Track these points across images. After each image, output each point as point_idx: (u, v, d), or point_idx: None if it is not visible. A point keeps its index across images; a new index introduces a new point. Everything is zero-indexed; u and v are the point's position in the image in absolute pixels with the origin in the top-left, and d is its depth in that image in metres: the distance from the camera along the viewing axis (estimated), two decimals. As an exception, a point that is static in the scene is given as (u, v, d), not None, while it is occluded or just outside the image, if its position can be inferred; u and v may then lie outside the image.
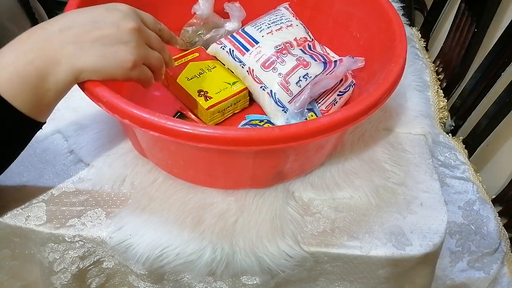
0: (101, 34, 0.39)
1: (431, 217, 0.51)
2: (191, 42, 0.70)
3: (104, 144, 0.56)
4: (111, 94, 0.41)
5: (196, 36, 0.69)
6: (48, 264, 0.50)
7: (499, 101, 0.79)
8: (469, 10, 0.89)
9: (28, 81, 0.37)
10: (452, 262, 0.70)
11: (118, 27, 0.40)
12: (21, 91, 0.37)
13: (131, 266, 0.50)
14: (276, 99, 0.57)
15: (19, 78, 0.37)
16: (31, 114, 0.39)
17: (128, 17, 0.41)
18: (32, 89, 0.38)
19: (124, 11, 0.42)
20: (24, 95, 0.37)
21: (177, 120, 0.39)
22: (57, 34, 0.38)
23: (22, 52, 0.37)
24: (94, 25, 0.39)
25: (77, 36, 0.39)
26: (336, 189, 0.54)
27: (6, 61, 0.37)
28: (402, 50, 0.50)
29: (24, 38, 0.38)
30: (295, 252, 0.47)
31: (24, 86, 0.37)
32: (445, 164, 0.79)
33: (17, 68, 0.37)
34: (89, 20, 0.40)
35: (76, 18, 0.40)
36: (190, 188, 0.52)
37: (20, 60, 0.37)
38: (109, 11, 0.41)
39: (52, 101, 0.40)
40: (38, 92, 0.38)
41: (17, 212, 0.48)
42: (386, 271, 0.50)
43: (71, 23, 0.39)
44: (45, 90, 0.39)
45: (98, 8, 0.41)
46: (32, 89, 0.38)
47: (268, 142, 0.40)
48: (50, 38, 0.38)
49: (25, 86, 0.37)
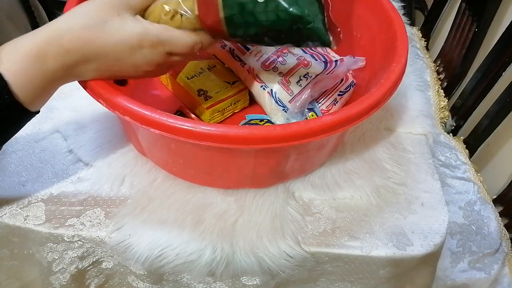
0: (120, 70, 0.41)
1: (432, 217, 0.51)
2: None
3: (103, 143, 0.56)
4: (112, 91, 0.41)
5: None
6: (47, 264, 0.50)
7: (500, 101, 0.79)
8: (470, 10, 0.89)
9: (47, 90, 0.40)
10: (453, 263, 0.70)
11: (136, 70, 0.42)
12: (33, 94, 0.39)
13: (130, 266, 0.49)
14: (276, 98, 0.57)
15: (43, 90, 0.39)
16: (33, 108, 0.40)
17: (149, 63, 0.41)
18: (45, 94, 0.40)
19: (148, 56, 0.40)
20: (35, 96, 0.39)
21: (178, 118, 0.39)
22: (81, 63, 0.39)
23: (49, 72, 0.38)
24: (115, 62, 0.40)
25: (99, 68, 0.41)
26: (337, 189, 0.53)
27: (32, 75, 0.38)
28: (403, 50, 0.50)
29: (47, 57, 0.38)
30: (296, 252, 0.47)
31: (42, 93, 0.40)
32: (446, 164, 0.79)
33: (43, 84, 0.39)
34: (112, 57, 0.40)
35: (100, 51, 0.39)
36: (190, 188, 0.52)
37: (47, 77, 0.38)
38: (133, 53, 0.40)
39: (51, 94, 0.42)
40: (48, 94, 0.41)
41: (16, 212, 0.48)
42: (387, 271, 0.50)
43: (95, 57, 0.39)
44: (51, 88, 0.41)
45: (124, 41, 0.39)
46: (46, 93, 0.40)
47: (270, 140, 0.39)
48: (76, 64, 0.39)
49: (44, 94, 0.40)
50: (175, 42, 0.41)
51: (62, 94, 0.61)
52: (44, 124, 0.58)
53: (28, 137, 0.56)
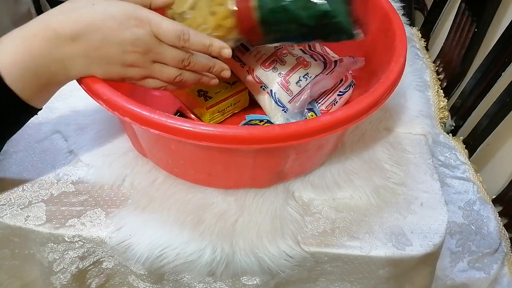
0: (107, 53, 0.41)
1: (431, 217, 0.51)
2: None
3: (103, 144, 0.56)
4: (111, 91, 0.41)
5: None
6: (48, 264, 0.50)
7: (500, 101, 0.79)
8: (469, 10, 0.89)
9: (40, 79, 0.41)
10: (452, 262, 0.70)
11: (123, 51, 0.41)
12: (30, 86, 0.40)
13: (131, 266, 0.50)
14: (276, 99, 0.57)
15: (31, 76, 0.40)
16: (33, 103, 0.42)
17: (137, 41, 0.41)
18: (40, 85, 0.41)
19: (135, 33, 0.40)
20: (31, 89, 0.41)
21: (178, 118, 0.39)
22: (69, 43, 0.40)
23: (36, 54, 0.39)
24: (102, 42, 0.40)
25: (86, 51, 0.41)
26: (336, 189, 0.53)
27: (20, 59, 0.39)
28: (402, 49, 0.50)
29: (35, 38, 0.39)
30: (295, 252, 0.47)
31: (33, 83, 0.40)
32: (446, 164, 0.79)
33: (31, 68, 0.39)
34: (99, 36, 0.40)
35: (87, 27, 0.39)
36: (190, 188, 0.52)
37: (34, 61, 0.39)
38: (120, 28, 0.40)
39: (53, 93, 0.44)
40: (44, 87, 0.42)
41: (17, 212, 0.48)
42: (386, 271, 0.50)
43: (81, 32, 0.40)
44: (50, 86, 0.43)
45: (111, 18, 0.40)
46: (40, 85, 0.41)
47: (269, 140, 0.40)
48: (63, 45, 0.40)
49: (35, 83, 0.41)
50: (162, 24, 0.41)
51: (63, 95, 0.61)
52: (44, 124, 0.58)
53: (28, 137, 0.56)
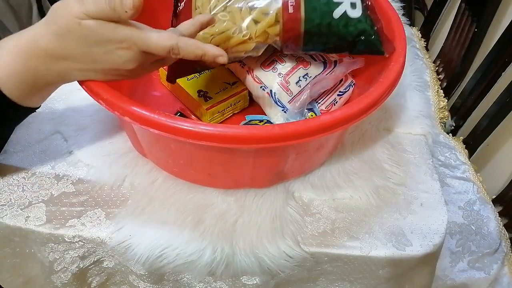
0: (102, 68, 0.42)
1: (431, 217, 0.51)
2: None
3: (103, 144, 0.56)
4: (111, 91, 0.42)
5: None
6: (49, 263, 0.50)
7: (500, 101, 0.79)
8: (469, 10, 0.89)
9: (36, 88, 0.42)
10: (452, 262, 0.70)
11: (117, 69, 0.42)
12: (27, 92, 0.41)
13: (131, 266, 0.50)
14: (276, 99, 0.57)
15: (28, 86, 0.41)
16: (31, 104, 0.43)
17: (127, 62, 0.41)
18: (36, 92, 0.42)
19: (123, 56, 0.40)
20: (28, 94, 0.42)
21: (177, 118, 0.39)
22: (62, 61, 0.40)
23: (32, 68, 0.40)
24: (95, 63, 0.41)
25: (80, 68, 0.41)
26: (336, 189, 0.54)
27: (15, 70, 0.40)
28: (401, 49, 0.50)
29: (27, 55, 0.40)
30: (295, 252, 0.47)
31: (32, 90, 0.42)
32: (446, 164, 0.79)
33: (28, 80, 0.40)
34: (90, 60, 0.40)
35: (76, 51, 0.40)
36: (190, 188, 0.52)
37: (31, 72, 0.40)
38: (107, 55, 0.40)
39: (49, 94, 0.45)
40: (41, 93, 0.43)
41: (17, 213, 0.48)
42: (386, 272, 0.50)
43: (71, 56, 0.40)
44: (48, 91, 0.44)
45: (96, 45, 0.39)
46: (37, 91, 0.42)
47: (269, 140, 0.40)
48: (57, 62, 0.40)
49: (31, 90, 0.42)
50: (150, 43, 0.40)
51: (63, 95, 0.61)
52: (44, 125, 0.58)
53: (28, 138, 0.56)
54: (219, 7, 0.50)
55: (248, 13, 0.49)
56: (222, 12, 0.50)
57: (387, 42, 0.51)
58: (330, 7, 0.48)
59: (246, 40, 0.50)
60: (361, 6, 0.49)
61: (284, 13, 0.49)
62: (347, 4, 0.49)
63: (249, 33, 0.49)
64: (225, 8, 0.50)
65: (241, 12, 0.50)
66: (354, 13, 0.49)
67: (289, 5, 0.49)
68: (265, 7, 0.49)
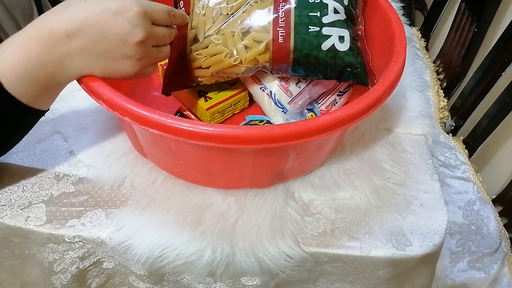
0: (107, 47, 0.41)
1: (431, 218, 0.51)
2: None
3: (104, 144, 0.56)
4: (112, 91, 0.42)
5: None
6: (48, 264, 0.50)
7: (500, 101, 0.79)
8: (469, 10, 0.89)
9: (39, 82, 0.41)
10: (452, 262, 0.70)
11: (123, 41, 0.41)
12: (30, 90, 0.41)
13: (131, 266, 0.50)
14: (275, 100, 0.57)
15: (30, 79, 0.40)
16: (37, 106, 0.43)
17: (136, 29, 0.41)
18: (40, 88, 0.41)
19: (132, 21, 0.40)
20: (32, 92, 0.41)
21: (178, 118, 0.39)
22: (65, 41, 0.40)
23: (33, 56, 0.39)
24: (101, 35, 0.40)
25: (85, 47, 0.40)
26: (336, 190, 0.54)
27: (17, 62, 0.39)
28: (401, 49, 0.50)
29: (31, 40, 0.39)
30: (295, 252, 0.47)
31: (33, 86, 0.41)
32: (446, 164, 0.79)
33: (29, 71, 0.39)
34: (96, 29, 0.40)
35: (84, 23, 0.39)
36: (190, 188, 0.52)
37: (31, 63, 0.39)
38: (117, 18, 0.40)
39: (56, 94, 0.45)
40: (45, 89, 0.42)
41: (17, 213, 0.48)
42: (386, 272, 0.50)
43: (77, 29, 0.39)
44: (51, 87, 0.43)
45: (106, 10, 0.40)
46: (41, 87, 0.41)
47: (269, 140, 0.40)
48: (59, 44, 0.40)
49: (35, 86, 0.41)
50: (155, 6, 0.42)
51: (63, 95, 0.60)
52: (44, 125, 0.58)
53: (28, 138, 0.56)
54: (214, 30, 0.52)
55: (240, 39, 0.51)
56: (215, 35, 0.52)
57: (372, 74, 0.53)
58: (319, 40, 0.50)
59: (237, 64, 0.52)
60: (349, 40, 0.50)
61: (274, 42, 0.50)
62: (336, 37, 0.50)
63: (240, 59, 0.51)
64: (218, 31, 0.52)
65: (233, 37, 0.51)
66: (342, 47, 0.50)
67: (279, 35, 0.50)
68: (257, 35, 0.51)
